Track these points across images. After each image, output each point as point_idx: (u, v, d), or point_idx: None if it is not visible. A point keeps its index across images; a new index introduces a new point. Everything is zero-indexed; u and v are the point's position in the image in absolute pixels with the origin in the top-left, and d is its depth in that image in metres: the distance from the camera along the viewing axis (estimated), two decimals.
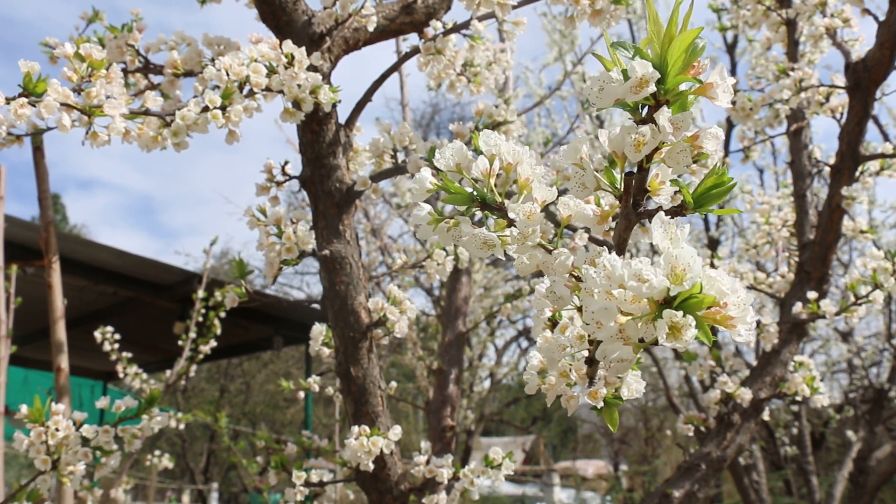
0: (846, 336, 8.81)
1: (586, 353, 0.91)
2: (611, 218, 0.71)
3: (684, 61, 0.61)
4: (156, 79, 1.94)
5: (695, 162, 0.70)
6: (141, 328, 8.33)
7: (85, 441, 1.62)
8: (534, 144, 8.03)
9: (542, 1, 1.77)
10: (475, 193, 0.73)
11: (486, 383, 10.44)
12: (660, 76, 0.61)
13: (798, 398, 2.23)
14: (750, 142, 2.95)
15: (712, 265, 4.27)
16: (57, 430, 1.59)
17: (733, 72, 7.18)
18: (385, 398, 1.77)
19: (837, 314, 2.19)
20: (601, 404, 0.92)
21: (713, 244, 6.98)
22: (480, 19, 1.74)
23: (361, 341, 1.68)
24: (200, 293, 4.69)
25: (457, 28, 1.80)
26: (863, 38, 2.60)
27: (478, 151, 1.46)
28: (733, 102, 2.54)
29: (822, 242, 2.39)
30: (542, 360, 0.99)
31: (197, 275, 7.10)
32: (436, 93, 16.46)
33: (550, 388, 0.96)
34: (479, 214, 0.76)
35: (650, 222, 0.68)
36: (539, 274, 0.83)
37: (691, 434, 2.34)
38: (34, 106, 1.28)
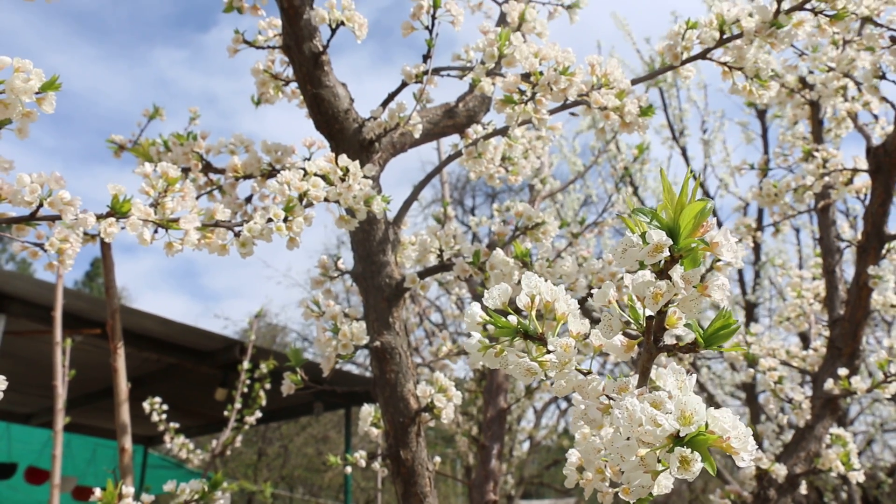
0: (893, 396, 8.67)
1: None
2: (635, 347, 0.82)
3: (694, 224, 0.73)
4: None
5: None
6: (183, 394, 8.49)
7: None
8: (569, 210, 8.15)
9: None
10: (519, 326, 0.85)
11: (525, 446, 10.40)
12: (673, 240, 0.73)
13: (833, 475, 2.28)
14: (780, 216, 3.04)
15: (747, 325, 4.32)
16: None
17: (764, 136, 7.27)
18: (432, 478, 1.87)
19: (869, 391, 2.26)
20: (633, 500, 1.02)
21: (750, 308, 7.01)
22: (518, 125, 1.89)
23: (410, 426, 1.79)
24: (245, 364, 4.82)
25: (496, 133, 1.95)
26: (883, 122, 2.71)
27: (521, 257, 1.58)
28: (761, 187, 2.65)
29: (851, 319, 2.46)
30: (580, 458, 1.10)
31: (238, 342, 7.27)
32: None
33: (587, 483, 1.07)
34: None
35: (667, 356, 0.79)
36: None
37: None
38: (118, 221, 1.44)
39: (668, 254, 0.72)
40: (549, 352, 0.84)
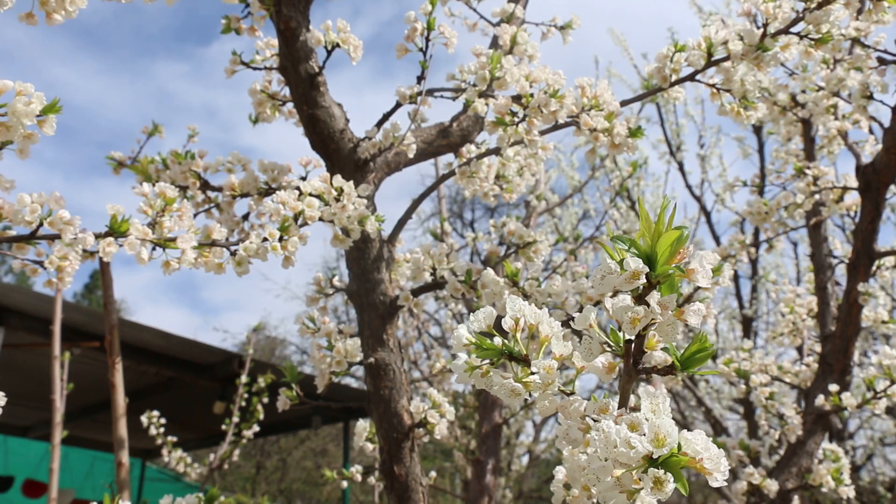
0: (891, 409, 8.68)
1: None
2: (616, 369, 0.85)
3: (671, 251, 0.76)
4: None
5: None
6: (181, 407, 8.49)
7: None
8: (567, 224, 8.18)
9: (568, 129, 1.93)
10: (504, 348, 0.87)
11: (524, 460, 10.39)
12: (650, 267, 0.75)
13: (824, 489, 2.30)
14: (773, 232, 3.07)
15: (744, 340, 4.35)
16: None
17: (761, 151, 7.31)
18: (426, 493, 1.89)
19: (859, 407, 2.28)
20: None
21: (747, 322, 7.03)
22: (511, 145, 1.92)
23: (404, 441, 1.82)
24: (244, 378, 4.83)
25: (490, 152, 1.98)
26: (873, 139, 2.74)
27: (510, 277, 1.61)
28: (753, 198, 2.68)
29: (842, 335, 2.49)
30: (566, 475, 1.12)
31: (237, 355, 7.28)
32: None
33: (574, 499, 1.09)
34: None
35: (647, 377, 0.82)
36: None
37: None
38: (117, 240, 1.47)
39: (646, 280, 0.75)
40: (533, 373, 0.87)
